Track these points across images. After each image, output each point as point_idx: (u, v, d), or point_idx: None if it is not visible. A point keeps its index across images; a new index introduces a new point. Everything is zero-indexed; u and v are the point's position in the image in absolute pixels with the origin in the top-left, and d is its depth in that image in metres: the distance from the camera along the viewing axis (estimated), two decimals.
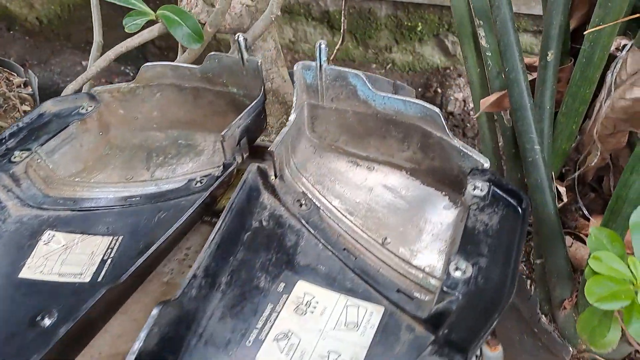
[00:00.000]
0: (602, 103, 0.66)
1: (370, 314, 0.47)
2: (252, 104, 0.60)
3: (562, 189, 0.72)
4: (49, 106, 0.64)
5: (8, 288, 0.52)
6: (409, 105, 0.56)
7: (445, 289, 0.42)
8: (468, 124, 2.48)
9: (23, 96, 1.14)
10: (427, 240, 0.53)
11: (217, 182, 0.56)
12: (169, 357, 0.42)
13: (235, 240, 0.51)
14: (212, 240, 0.49)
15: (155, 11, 0.77)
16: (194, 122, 0.67)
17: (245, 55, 0.60)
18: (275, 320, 0.47)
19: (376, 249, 0.53)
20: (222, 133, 0.56)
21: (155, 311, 0.40)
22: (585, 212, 0.73)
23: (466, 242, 0.45)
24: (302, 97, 0.60)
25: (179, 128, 0.68)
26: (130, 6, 0.77)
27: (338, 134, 0.62)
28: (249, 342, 0.46)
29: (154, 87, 0.65)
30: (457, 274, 0.43)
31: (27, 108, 1.14)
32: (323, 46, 0.56)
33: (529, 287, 0.78)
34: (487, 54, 0.75)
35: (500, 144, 0.81)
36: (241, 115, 0.58)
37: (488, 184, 0.50)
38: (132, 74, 2.18)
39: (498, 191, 0.50)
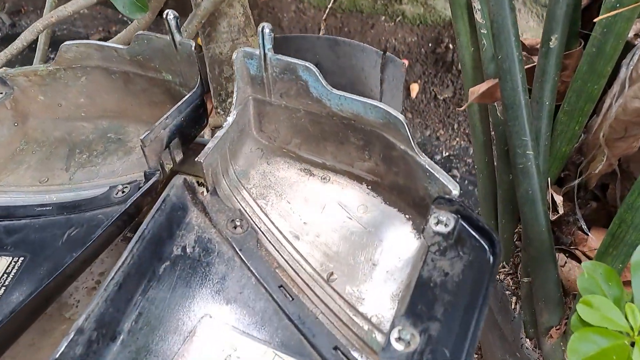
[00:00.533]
0: (613, 101, 0.55)
1: None
2: (185, 98, 0.49)
3: (559, 199, 0.61)
4: None
5: None
6: (370, 109, 0.45)
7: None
8: None
9: None
10: (379, 279, 0.43)
11: (138, 194, 0.47)
12: None
13: (145, 274, 0.42)
14: (112, 278, 0.40)
15: None
16: (127, 112, 0.57)
17: (177, 37, 0.49)
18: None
19: (319, 286, 0.43)
20: (142, 137, 0.46)
21: None
22: (584, 226, 0.63)
23: (417, 300, 0.36)
24: (246, 90, 0.50)
25: (110, 118, 0.58)
26: None
27: (290, 135, 0.52)
28: None
29: (78, 70, 0.55)
30: (399, 346, 0.34)
31: None
32: (267, 30, 0.45)
33: (513, 307, 0.68)
34: (481, 31, 0.63)
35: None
36: (167, 113, 0.48)
37: (455, 217, 0.40)
38: None
39: (466, 227, 0.40)
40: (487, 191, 0.71)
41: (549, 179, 0.60)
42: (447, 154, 2.18)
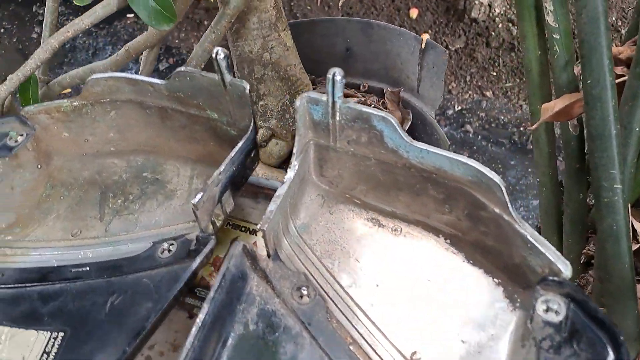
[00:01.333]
0: None
1: None
2: (238, 146, 0.43)
3: (639, 226, 0.56)
4: None
5: None
6: (457, 165, 0.39)
7: None
8: (493, 32, 2.25)
9: None
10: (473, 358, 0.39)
11: (195, 264, 0.41)
12: None
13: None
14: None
15: None
16: (163, 148, 0.51)
17: (228, 78, 0.42)
18: None
19: None
20: (194, 201, 0.40)
21: None
22: None
23: None
24: (307, 135, 0.43)
25: (144, 153, 0.52)
26: None
27: (355, 182, 0.46)
28: None
29: (107, 104, 0.48)
30: None
31: None
32: (339, 78, 0.38)
33: None
34: (554, 35, 0.56)
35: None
36: (220, 168, 0.42)
37: (566, 302, 0.35)
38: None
39: (580, 316, 0.34)
40: (551, 206, 0.65)
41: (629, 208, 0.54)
42: (459, 107, 2.11)
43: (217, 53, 0.41)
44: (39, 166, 0.49)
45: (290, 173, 0.42)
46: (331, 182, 0.47)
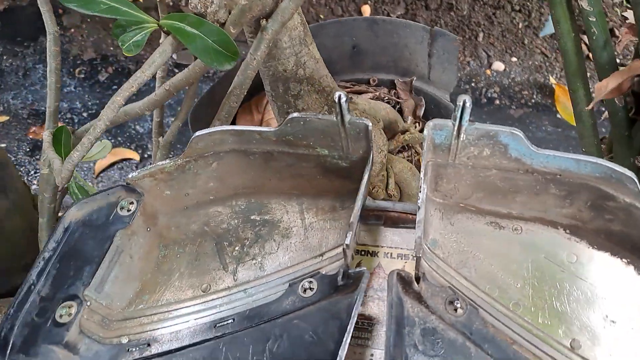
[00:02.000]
0: None
1: None
2: (365, 179, 0.44)
3: None
4: (74, 214, 0.46)
5: None
6: (585, 165, 0.42)
7: None
8: None
9: None
10: (626, 338, 0.42)
11: (357, 303, 0.42)
12: None
13: None
14: None
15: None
16: (263, 188, 0.52)
17: (347, 118, 0.43)
18: None
19: (567, 358, 0.42)
20: (347, 242, 0.41)
21: None
22: None
23: None
24: (427, 157, 0.45)
25: (245, 196, 0.52)
26: (115, 16, 0.56)
27: (471, 191, 0.48)
28: None
29: (209, 157, 0.48)
30: None
31: None
32: (468, 104, 0.40)
33: None
34: (590, 18, 0.59)
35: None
36: (359, 203, 0.43)
37: None
38: None
39: None
40: None
41: None
42: None
43: (339, 97, 0.42)
44: (148, 229, 0.49)
45: (422, 196, 0.44)
46: (445, 195, 0.49)
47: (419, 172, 0.85)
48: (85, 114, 2.49)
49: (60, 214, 0.78)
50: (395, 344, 0.41)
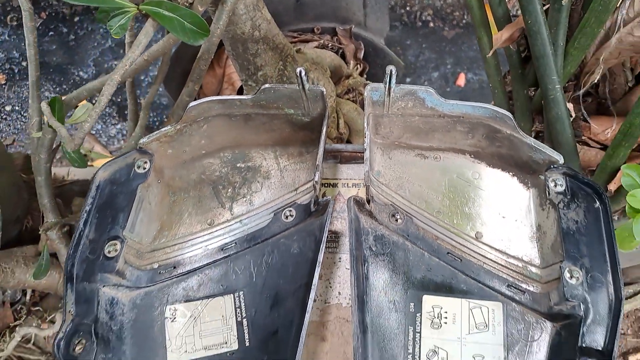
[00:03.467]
0: (612, 35, 0.72)
1: (493, 312, 0.57)
2: (324, 129, 0.60)
3: (570, 106, 0.80)
4: (102, 175, 0.60)
5: None
6: (478, 109, 0.59)
7: (566, 296, 0.53)
8: None
9: None
10: (513, 227, 0.61)
11: (327, 221, 0.58)
12: None
13: (361, 277, 0.57)
14: (356, 291, 0.54)
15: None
16: (244, 142, 0.66)
17: (307, 87, 0.58)
18: (420, 340, 0.56)
19: (473, 245, 0.61)
20: (316, 179, 0.57)
21: None
22: (587, 118, 0.83)
23: (568, 245, 0.55)
24: (368, 110, 0.61)
25: (230, 149, 0.66)
26: (100, 4, 0.67)
27: (402, 132, 0.64)
28: None
29: (201, 122, 0.62)
30: (573, 281, 0.53)
31: None
32: (394, 72, 0.55)
33: None
34: None
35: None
36: (321, 147, 0.59)
37: (564, 177, 0.58)
38: None
39: (576, 183, 0.57)
40: (502, 102, 0.88)
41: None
42: None
43: (300, 72, 0.56)
44: (159, 181, 0.63)
45: (367, 140, 0.60)
46: (383, 137, 0.65)
47: (362, 111, 1.01)
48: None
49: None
50: (356, 247, 0.58)
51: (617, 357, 0.52)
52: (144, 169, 0.61)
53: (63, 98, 0.84)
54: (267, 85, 0.59)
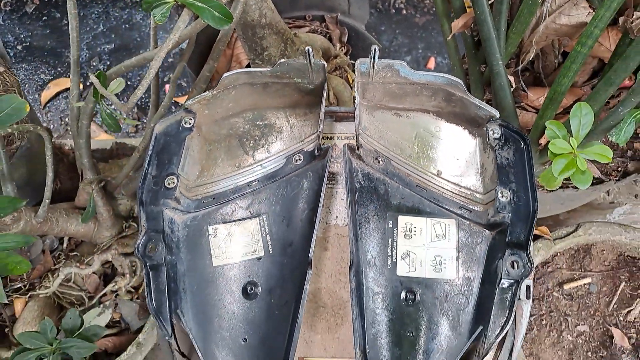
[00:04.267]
0: (540, 22, 0.94)
1: (449, 226, 0.79)
2: (325, 92, 0.80)
3: (512, 79, 1.02)
4: (158, 128, 0.80)
5: (213, 277, 0.76)
6: (438, 77, 0.80)
7: (498, 209, 0.75)
8: None
9: None
10: (463, 167, 0.83)
11: (326, 164, 0.79)
12: None
13: (353, 202, 0.78)
14: (350, 213, 0.76)
15: None
16: (262, 104, 0.86)
17: (313, 61, 0.78)
18: (397, 246, 0.78)
19: (435, 180, 0.82)
20: (320, 129, 0.78)
21: None
22: (525, 88, 1.05)
23: (501, 175, 0.76)
24: (357, 79, 0.81)
25: (251, 110, 0.86)
26: None
27: (382, 96, 0.85)
28: (389, 264, 0.77)
29: (231, 89, 0.82)
30: (503, 199, 0.75)
31: None
32: (377, 50, 0.76)
33: None
34: None
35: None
36: (323, 107, 0.79)
37: (500, 127, 0.79)
38: None
39: (508, 131, 0.79)
40: (460, 78, 1.09)
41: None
42: None
43: (308, 50, 0.76)
44: (199, 134, 0.83)
45: (357, 102, 0.80)
46: (368, 100, 0.86)
47: (349, 85, 1.22)
48: (20, 47, 2.61)
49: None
50: (350, 182, 0.79)
51: (533, 252, 0.74)
52: (189, 124, 0.80)
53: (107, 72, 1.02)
54: (282, 60, 0.79)
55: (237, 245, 0.78)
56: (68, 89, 2.21)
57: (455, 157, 0.84)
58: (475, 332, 0.69)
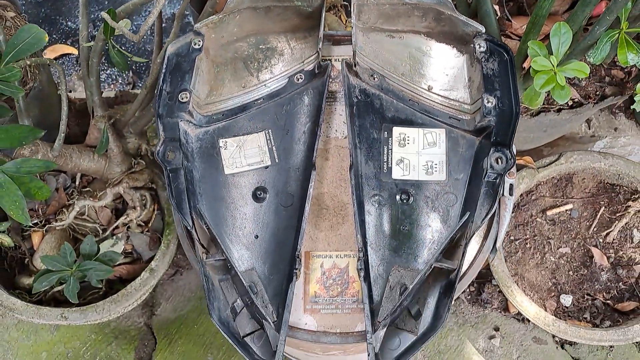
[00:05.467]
0: None
1: (439, 135, 0.86)
2: (323, 15, 0.87)
3: (497, 8, 1.09)
4: (170, 49, 0.86)
5: (225, 183, 0.84)
6: None
7: (485, 114, 0.82)
8: None
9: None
10: (452, 81, 0.90)
11: (326, 80, 0.86)
12: None
13: (352, 116, 0.85)
14: (349, 124, 0.83)
15: None
16: (264, 29, 0.92)
17: None
18: (392, 154, 0.85)
19: (426, 94, 0.89)
20: (319, 47, 0.84)
21: None
22: (509, 17, 1.12)
23: (487, 84, 0.84)
24: (353, 1, 0.88)
25: (254, 35, 0.93)
26: None
27: (376, 19, 0.92)
28: (385, 169, 0.84)
29: (235, 13, 0.88)
30: (489, 104, 0.82)
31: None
32: None
33: None
34: None
35: None
36: (321, 30, 0.86)
37: (485, 42, 0.86)
38: None
39: (492, 44, 0.86)
40: None
41: None
42: None
43: None
44: (207, 57, 0.89)
45: (354, 23, 0.87)
46: (364, 22, 0.92)
47: (342, 24, 1.28)
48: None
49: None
50: (349, 96, 0.86)
51: (514, 151, 0.82)
52: (199, 45, 0.87)
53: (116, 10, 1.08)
54: None
55: (245, 155, 0.85)
56: (65, 55, 2.23)
57: (445, 73, 0.91)
58: (463, 218, 0.77)
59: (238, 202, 0.83)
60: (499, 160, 0.78)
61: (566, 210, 1.36)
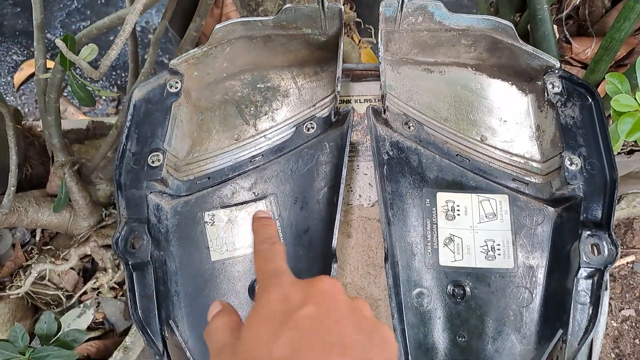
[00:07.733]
0: None
1: (500, 203, 0.64)
2: (341, 47, 0.65)
3: (555, 27, 0.87)
4: (137, 94, 0.64)
5: (212, 274, 0.62)
6: (481, 21, 0.65)
7: (568, 180, 0.60)
8: None
9: None
10: (514, 130, 0.68)
11: (350, 128, 0.64)
12: None
13: (382, 177, 0.63)
14: (380, 191, 0.61)
15: None
16: (262, 63, 0.71)
17: (326, 4, 0.62)
18: (437, 230, 0.63)
19: (479, 147, 0.67)
20: (338, 89, 0.62)
21: None
22: (569, 38, 0.90)
23: (567, 138, 0.62)
24: (381, 27, 0.66)
25: (249, 71, 0.71)
26: None
27: (410, 48, 0.70)
28: (429, 252, 0.62)
29: (225, 44, 0.66)
30: (573, 167, 0.60)
31: None
32: None
33: None
34: None
35: None
36: (340, 64, 0.64)
37: (560, 80, 0.64)
38: None
39: (570, 84, 0.64)
40: None
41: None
42: None
43: None
44: (187, 101, 0.67)
45: (381, 54, 0.65)
46: (393, 53, 0.70)
47: (357, 46, 1.06)
48: None
49: None
50: (378, 152, 0.64)
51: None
52: (176, 88, 0.65)
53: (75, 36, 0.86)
54: (288, 5, 0.63)
55: (240, 234, 0.63)
56: None
57: (503, 119, 0.69)
58: (552, 336, 0.55)
59: (230, 301, 0.60)
60: (596, 248, 0.56)
61: (627, 263, 1.14)
